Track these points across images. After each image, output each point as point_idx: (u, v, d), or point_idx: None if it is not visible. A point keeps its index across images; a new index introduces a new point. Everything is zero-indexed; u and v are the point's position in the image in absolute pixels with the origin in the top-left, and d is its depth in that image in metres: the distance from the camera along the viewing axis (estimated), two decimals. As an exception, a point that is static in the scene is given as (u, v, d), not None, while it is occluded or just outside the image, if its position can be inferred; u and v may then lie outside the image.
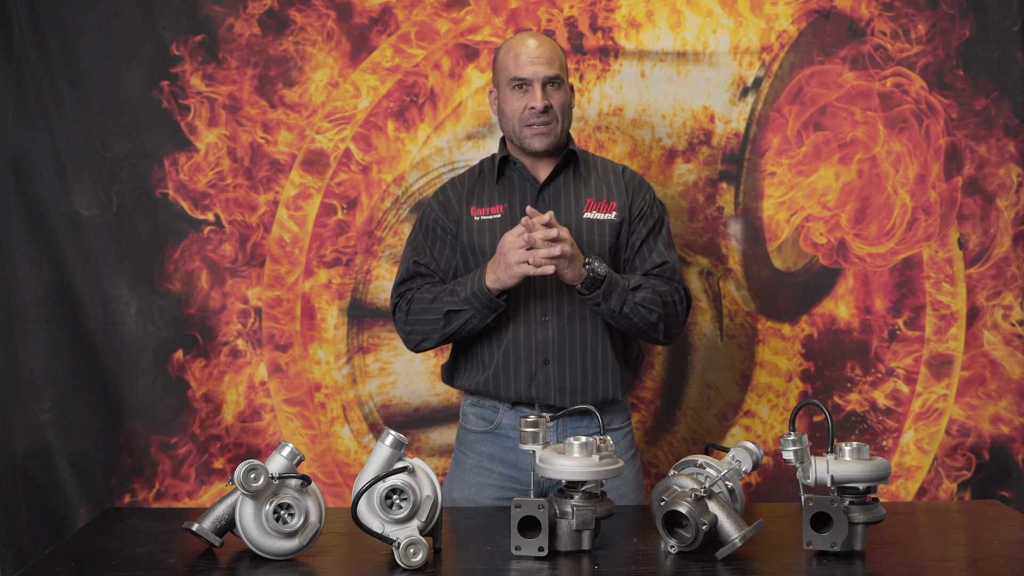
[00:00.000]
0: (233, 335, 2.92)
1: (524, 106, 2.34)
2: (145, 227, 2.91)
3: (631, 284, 2.30)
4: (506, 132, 2.42)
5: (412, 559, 1.71)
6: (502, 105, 2.39)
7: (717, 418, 2.94)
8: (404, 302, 2.39)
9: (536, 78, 2.33)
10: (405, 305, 2.39)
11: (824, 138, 2.91)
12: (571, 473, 1.81)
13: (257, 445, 2.91)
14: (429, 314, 2.34)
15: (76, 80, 2.89)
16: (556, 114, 2.34)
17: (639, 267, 2.40)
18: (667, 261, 2.40)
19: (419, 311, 2.35)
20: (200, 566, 1.78)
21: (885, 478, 1.80)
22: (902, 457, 2.91)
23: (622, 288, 2.28)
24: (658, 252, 2.40)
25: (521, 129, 2.36)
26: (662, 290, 2.34)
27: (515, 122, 2.36)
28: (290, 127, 2.92)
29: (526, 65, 2.33)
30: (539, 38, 2.39)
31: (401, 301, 2.40)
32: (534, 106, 2.32)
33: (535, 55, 2.34)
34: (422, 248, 2.43)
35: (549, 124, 2.34)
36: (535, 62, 2.33)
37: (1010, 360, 2.90)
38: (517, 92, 2.35)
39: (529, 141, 2.36)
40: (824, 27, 2.90)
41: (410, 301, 2.38)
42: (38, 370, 2.89)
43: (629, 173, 2.48)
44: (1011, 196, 2.89)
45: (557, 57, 2.37)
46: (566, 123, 2.39)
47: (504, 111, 2.39)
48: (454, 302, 2.30)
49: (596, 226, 2.39)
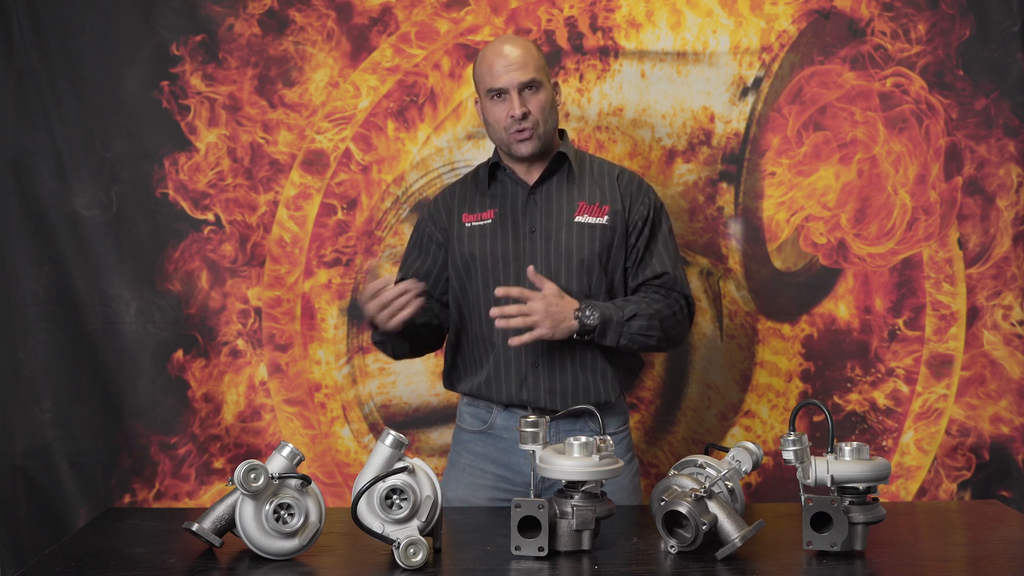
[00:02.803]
0: (233, 335, 2.92)
1: (505, 115, 2.35)
2: (145, 227, 2.91)
3: (626, 314, 2.29)
4: (493, 140, 2.43)
5: (412, 559, 1.71)
6: (485, 115, 2.40)
7: (717, 418, 2.94)
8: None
9: (511, 86, 2.33)
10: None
11: (824, 138, 2.91)
12: (571, 473, 1.81)
13: (257, 445, 2.91)
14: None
15: (76, 80, 2.89)
16: (537, 118, 2.34)
17: (639, 276, 2.40)
18: (667, 272, 2.39)
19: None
20: (200, 566, 1.78)
21: (885, 478, 1.80)
22: (902, 457, 2.91)
23: (616, 323, 2.28)
24: (659, 261, 2.40)
25: (507, 137, 2.37)
26: (658, 307, 2.33)
27: (500, 131, 2.37)
28: (290, 127, 2.92)
29: (500, 75, 2.33)
30: (512, 42, 2.38)
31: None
32: (513, 115, 2.33)
33: (508, 63, 2.33)
34: (414, 260, 2.48)
35: (530, 130, 2.34)
36: (508, 70, 2.33)
37: (1010, 360, 2.90)
38: (496, 102, 2.36)
39: (516, 148, 2.37)
40: (824, 27, 2.90)
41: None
42: (38, 370, 2.90)
43: (627, 177, 2.45)
44: (1011, 196, 2.89)
45: (531, 60, 2.35)
46: (550, 124, 2.38)
47: (488, 121, 2.40)
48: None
49: (587, 230, 2.37)
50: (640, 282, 2.40)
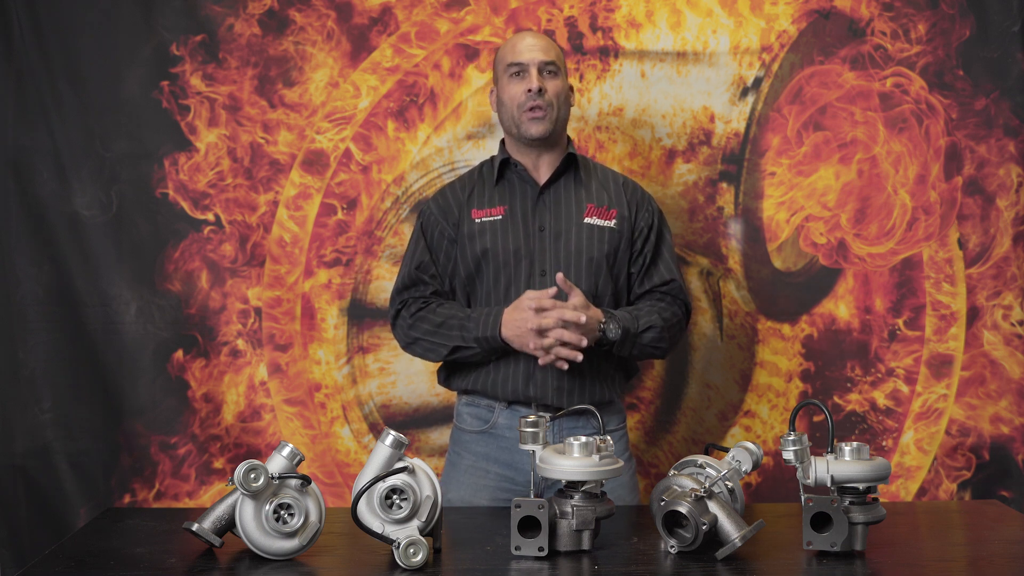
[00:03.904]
0: (233, 335, 2.92)
1: (521, 90, 2.38)
2: (145, 227, 2.91)
3: (640, 326, 2.34)
4: (505, 124, 2.45)
5: (412, 559, 1.71)
6: (500, 95, 2.43)
7: (717, 418, 2.94)
8: (407, 312, 2.43)
9: (532, 62, 2.39)
10: (408, 317, 2.42)
11: (824, 138, 2.91)
12: (571, 473, 1.81)
13: (257, 445, 2.91)
14: (435, 337, 2.37)
15: (76, 80, 2.89)
16: (552, 100, 2.39)
17: (647, 283, 2.45)
18: (674, 279, 2.45)
19: (425, 331, 2.39)
20: (200, 566, 1.78)
21: (885, 478, 1.80)
22: (902, 457, 2.91)
23: (632, 335, 2.33)
24: (667, 268, 2.46)
25: (520, 115, 2.39)
26: (667, 317, 2.39)
27: (513, 109, 2.40)
28: (290, 127, 2.92)
29: (523, 51, 2.41)
30: (536, 33, 2.50)
31: (404, 310, 2.44)
32: (531, 88, 2.37)
33: (532, 43, 2.42)
34: (423, 254, 2.46)
35: (545, 109, 2.38)
36: (531, 49, 2.41)
37: (1010, 360, 2.90)
38: (515, 79, 2.40)
39: (526, 127, 2.39)
40: (824, 27, 2.90)
41: (414, 315, 2.41)
42: (38, 370, 2.89)
43: (631, 185, 2.51)
44: (1011, 196, 2.89)
45: (553, 49, 2.44)
46: (563, 112, 2.42)
47: (503, 100, 2.43)
48: (463, 338, 2.33)
49: (596, 232, 2.40)
50: (647, 289, 2.44)
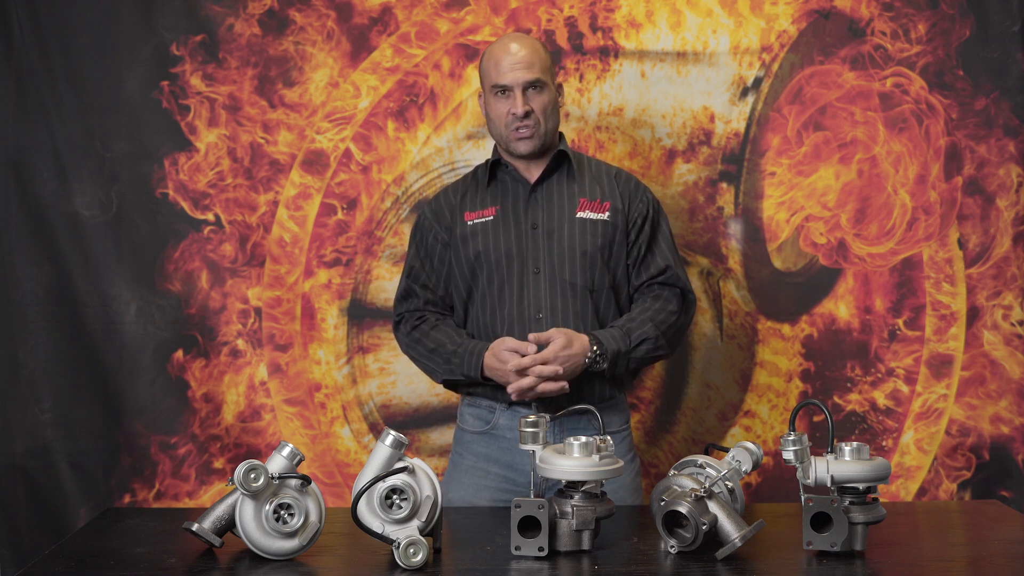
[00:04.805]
0: (233, 335, 2.92)
1: (507, 111, 2.38)
2: (145, 227, 2.91)
3: (632, 342, 2.34)
4: (494, 136, 2.46)
5: (412, 559, 1.71)
6: (488, 110, 2.44)
7: (717, 418, 2.94)
8: (405, 328, 2.49)
9: (516, 84, 2.36)
10: (405, 336, 2.49)
11: (824, 138, 2.91)
12: (571, 473, 1.81)
13: (257, 445, 2.91)
14: (429, 362, 2.44)
15: (76, 80, 2.88)
16: (539, 118, 2.38)
17: (643, 275, 2.44)
18: (669, 266, 2.44)
19: (420, 354, 2.45)
20: (200, 566, 1.78)
21: (885, 478, 1.80)
22: (902, 457, 2.91)
23: (624, 354, 2.33)
24: (661, 256, 2.44)
25: (508, 133, 2.40)
26: (661, 319, 2.38)
27: (501, 127, 2.41)
28: (290, 127, 2.92)
29: (506, 72, 2.37)
30: (520, 41, 2.41)
31: (402, 324, 2.50)
32: (515, 112, 2.36)
33: (515, 61, 2.37)
34: (413, 260, 2.50)
35: (532, 128, 2.37)
36: (515, 68, 2.36)
37: (1010, 360, 2.90)
38: (500, 98, 2.39)
39: (515, 145, 2.40)
40: (824, 27, 2.90)
41: (409, 334, 2.47)
42: (38, 370, 2.89)
43: (624, 176, 2.50)
44: (1011, 196, 2.89)
45: (538, 60, 2.39)
46: (551, 124, 2.42)
47: (490, 116, 2.43)
48: (451, 371, 2.38)
49: (589, 225, 2.40)
50: (644, 280, 2.44)
